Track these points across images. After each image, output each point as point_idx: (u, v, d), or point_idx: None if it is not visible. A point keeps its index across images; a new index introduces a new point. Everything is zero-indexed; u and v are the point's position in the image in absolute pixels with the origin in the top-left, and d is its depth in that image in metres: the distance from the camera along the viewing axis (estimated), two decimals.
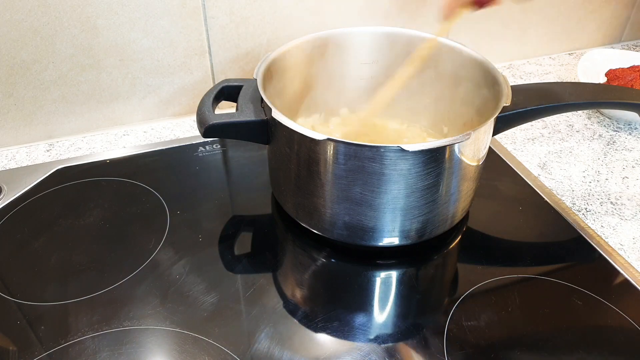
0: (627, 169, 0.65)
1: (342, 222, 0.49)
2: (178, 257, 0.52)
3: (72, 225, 0.56)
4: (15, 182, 0.61)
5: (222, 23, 0.69)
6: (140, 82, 0.70)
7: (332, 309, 0.47)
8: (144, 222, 0.56)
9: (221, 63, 0.72)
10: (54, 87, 0.66)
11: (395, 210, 0.48)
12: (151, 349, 0.44)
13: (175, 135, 0.71)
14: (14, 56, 0.63)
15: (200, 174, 0.63)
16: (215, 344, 0.44)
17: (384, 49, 0.61)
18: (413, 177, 0.45)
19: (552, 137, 0.71)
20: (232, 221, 0.57)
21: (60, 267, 0.51)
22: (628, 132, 0.72)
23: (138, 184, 0.61)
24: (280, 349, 0.43)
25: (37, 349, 0.43)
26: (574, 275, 0.50)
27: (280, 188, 0.54)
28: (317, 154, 0.46)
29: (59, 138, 0.70)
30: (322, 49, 0.60)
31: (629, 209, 0.59)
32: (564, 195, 0.61)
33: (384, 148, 0.44)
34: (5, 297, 0.48)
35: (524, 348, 0.44)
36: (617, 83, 0.73)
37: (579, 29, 0.91)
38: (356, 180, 0.46)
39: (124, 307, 0.47)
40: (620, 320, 0.46)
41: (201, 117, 0.50)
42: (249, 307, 0.47)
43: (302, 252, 0.53)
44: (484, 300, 0.48)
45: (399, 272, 0.52)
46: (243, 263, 0.52)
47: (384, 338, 0.45)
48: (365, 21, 0.75)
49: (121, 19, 0.64)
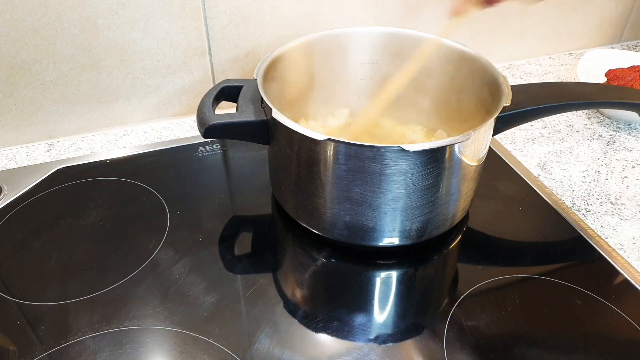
0: (627, 169, 0.65)
1: (343, 222, 0.49)
2: (178, 257, 0.52)
3: (72, 225, 0.56)
4: (15, 182, 0.61)
5: (222, 23, 0.69)
6: (140, 82, 0.70)
7: (332, 309, 0.47)
8: (144, 222, 0.56)
9: (221, 63, 0.72)
10: (54, 87, 0.66)
11: (395, 211, 0.48)
12: (151, 349, 0.44)
13: (175, 135, 0.71)
14: (14, 56, 0.63)
15: (200, 174, 0.63)
16: (215, 344, 0.44)
17: (384, 49, 0.61)
18: (413, 177, 0.45)
19: (552, 137, 0.71)
20: (232, 221, 0.57)
21: (60, 267, 0.51)
22: (628, 132, 0.72)
23: (138, 184, 0.61)
24: (280, 349, 0.43)
25: (37, 349, 0.43)
26: (573, 275, 0.50)
27: (281, 188, 0.54)
28: (318, 154, 0.46)
29: (59, 138, 0.70)
30: (322, 49, 0.60)
31: (628, 209, 0.59)
32: (563, 195, 0.61)
33: (384, 148, 0.44)
34: (5, 297, 0.48)
35: (524, 348, 0.44)
36: (617, 83, 0.73)
37: (579, 29, 0.91)
38: (356, 180, 0.46)
39: (124, 307, 0.47)
40: (620, 320, 0.46)
41: (201, 117, 0.50)
42: (249, 307, 0.47)
43: (302, 252, 0.53)
44: (484, 300, 0.48)
45: (399, 272, 0.52)
46: (243, 263, 0.52)
47: (384, 338, 0.45)
48: (365, 21, 0.75)
49: (121, 19, 0.64)
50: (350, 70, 0.62)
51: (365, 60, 0.62)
